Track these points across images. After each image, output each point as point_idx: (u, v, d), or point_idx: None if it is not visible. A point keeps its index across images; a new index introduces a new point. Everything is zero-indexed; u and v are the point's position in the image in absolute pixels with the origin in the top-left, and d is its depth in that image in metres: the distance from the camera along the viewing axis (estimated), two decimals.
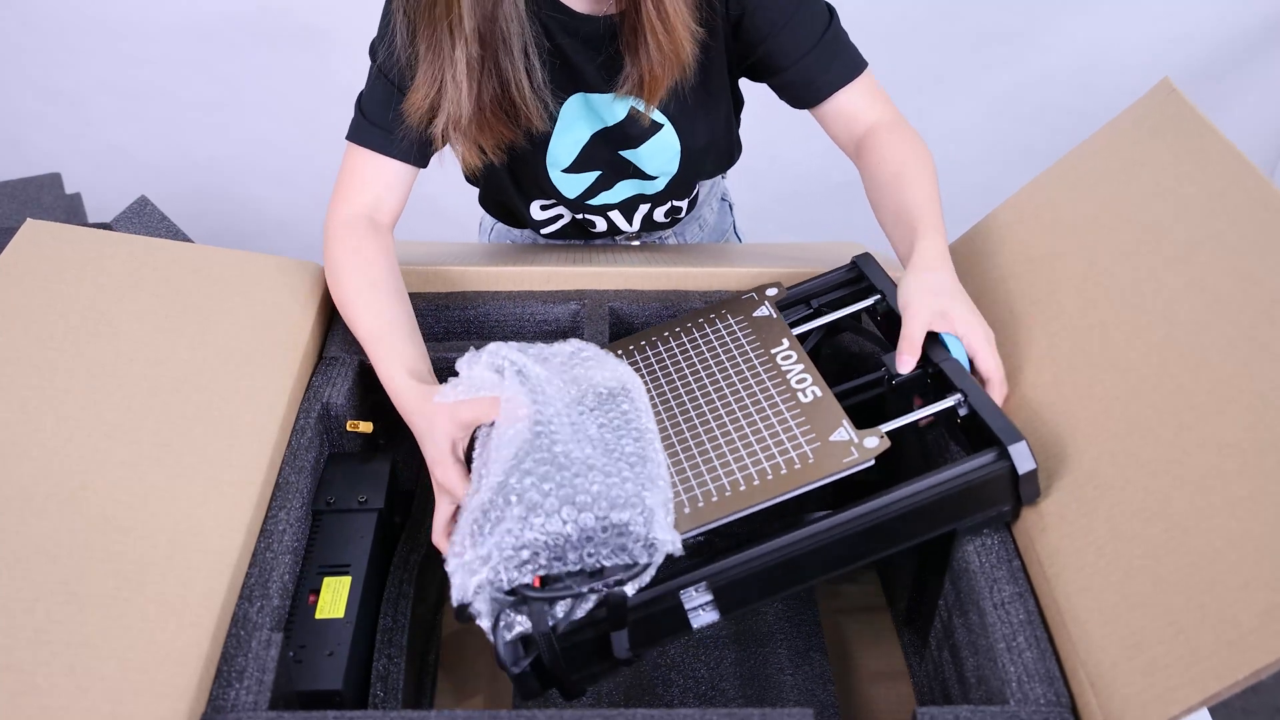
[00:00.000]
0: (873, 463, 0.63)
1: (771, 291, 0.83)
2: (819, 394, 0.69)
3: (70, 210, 1.50)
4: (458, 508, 0.67)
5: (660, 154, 0.92)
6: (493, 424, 0.67)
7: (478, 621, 0.59)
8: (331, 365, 0.82)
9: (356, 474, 0.77)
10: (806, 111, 0.90)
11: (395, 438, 0.87)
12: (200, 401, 0.71)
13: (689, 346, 0.79)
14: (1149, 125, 0.75)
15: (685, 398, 0.74)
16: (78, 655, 0.54)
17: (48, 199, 1.50)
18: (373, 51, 0.83)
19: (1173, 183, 0.70)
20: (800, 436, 0.66)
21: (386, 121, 0.81)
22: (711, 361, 0.77)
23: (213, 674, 0.59)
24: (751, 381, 0.73)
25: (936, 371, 0.69)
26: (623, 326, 0.91)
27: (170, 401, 0.69)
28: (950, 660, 0.68)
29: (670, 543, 0.59)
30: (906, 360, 0.69)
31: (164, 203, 0.98)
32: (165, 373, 0.71)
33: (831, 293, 0.83)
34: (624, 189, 0.97)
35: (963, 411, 0.66)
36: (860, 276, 0.82)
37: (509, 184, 0.97)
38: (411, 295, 0.91)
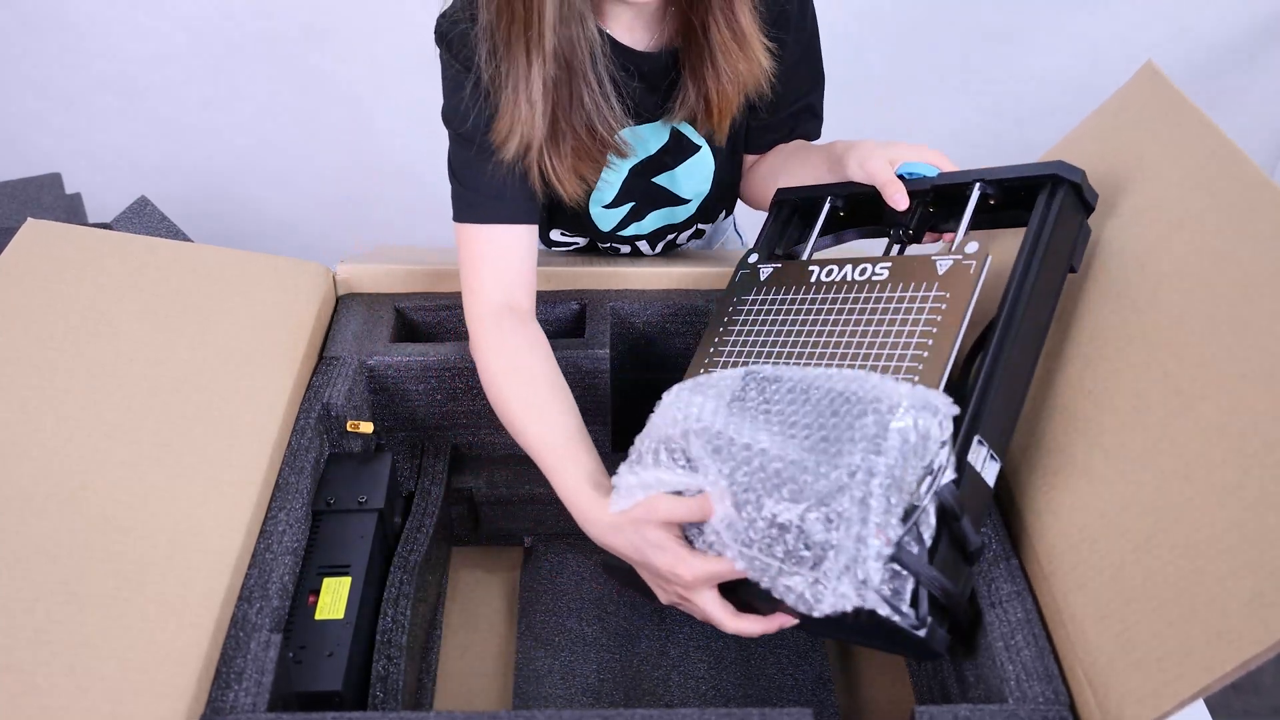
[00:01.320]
0: (990, 259, 0.62)
1: (752, 259, 0.79)
2: (890, 264, 0.65)
3: (70, 210, 1.49)
4: (721, 586, 0.62)
5: (695, 174, 0.92)
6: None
7: (881, 612, 0.52)
8: (331, 365, 0.82)
9: (356, 474, 0.77)
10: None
11: (395, 438, 0.87)
12: (200, 401, 0.71)
13: (750, 336, 0.73)
14: (1133, 110, 0.75)
15: (798, 360, 0.67)
16: (78, 655, 0.54)
17: (48, 199, 1.50)
18: (446, 119, 0.80)
19: (1156, 166, 0.70)
20: (917, 292, 0.62)
21: (486, 186, 0.78)
22: (778, 331, 0.70)
23: (212, 675, 0.59)
24: (827, 311, 0.68)
25: (932, 197, 0.68)
26: (624, 326, 0.91)
27: (170, 401, 0.69)
28: (949, 659, 0.68)
29: (943, 399, 0.55)
30: (898, 198, 0.69)
31: (164, 203, 0.98)
32: (165, 373, 0.71)
33: (787, 231, 0.82)
34: (654, 220, 0.96)
35: (989, 190, 0.65)
36: (797, 202, 0.81)
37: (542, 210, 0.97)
38: (412, 296, 0.91)
